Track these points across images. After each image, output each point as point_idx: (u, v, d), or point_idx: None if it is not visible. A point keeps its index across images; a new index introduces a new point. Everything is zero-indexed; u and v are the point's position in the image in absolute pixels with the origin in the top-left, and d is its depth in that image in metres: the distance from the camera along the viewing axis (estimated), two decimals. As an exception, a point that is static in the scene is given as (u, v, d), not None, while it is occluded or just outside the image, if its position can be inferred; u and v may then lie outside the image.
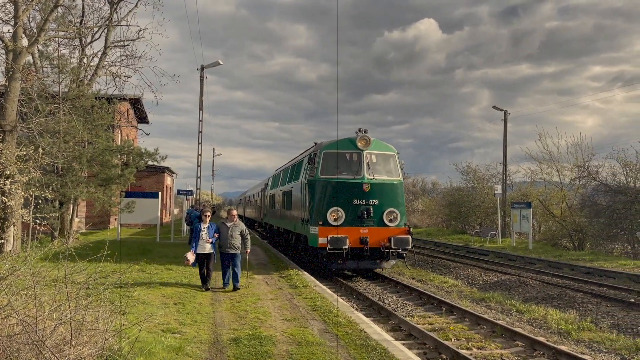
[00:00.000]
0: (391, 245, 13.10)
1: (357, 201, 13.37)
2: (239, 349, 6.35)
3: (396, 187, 13.98)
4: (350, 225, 13.26)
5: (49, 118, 15.48)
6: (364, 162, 13.68)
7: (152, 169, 31.85)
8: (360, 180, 13.49)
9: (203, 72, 26.68)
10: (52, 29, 17.60)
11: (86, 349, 4.75)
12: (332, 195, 13.43)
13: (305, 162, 15.02)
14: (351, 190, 13.39)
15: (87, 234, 24.90)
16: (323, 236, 12.86)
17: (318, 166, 13.72)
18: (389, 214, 13.61)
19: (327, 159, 13.86)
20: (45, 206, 16.53)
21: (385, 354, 6.28)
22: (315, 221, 13.40)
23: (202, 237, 10.54)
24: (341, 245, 12.76)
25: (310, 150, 15.12)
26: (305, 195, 14.35)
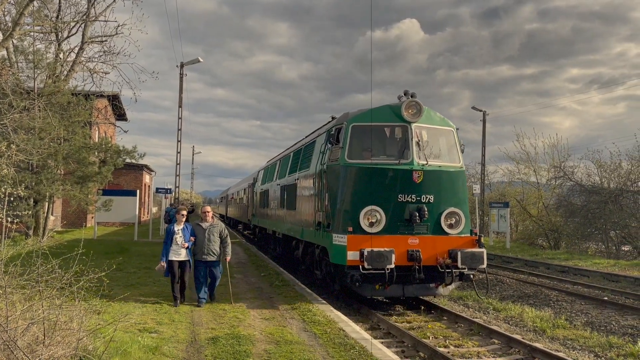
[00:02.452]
0: (457, 263, 8.91)
1: (403, 197, 9.16)
2: (217, 349, 6.30)
3: (458, 177, 9.76)
4: (392, 233, 9.06)
5: (23, 114, 15.14)
6: (412, 140, 9.38)
7: (130, 167, 31.44)
8: (409, 167, 9.21)
9: (183, 69, 26.43)
10: (28, 23, 17.24)
11: (60, 349, 4.66)
12: (366, 189, 9.22)
13: (321, 143, 10.76)
14: (395, 180, 9.19)
15: (62, 232, 24.47)
16: (354, 249, 8.69)
17: (344, 146, 9.42)
18: (449, 216, 9.42)
19: (358, 135, 9.59)
20: (19, 204, 16.19)
21: (363, 352, 6.29)
22: (340, 226, 9.16)
23: (176, 241, 8.72)
24: (384, 264, 8.51)
25: (329, 125, 10.70)
26: (322, 189, 10.09)
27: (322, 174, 10.18)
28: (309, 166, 11.51)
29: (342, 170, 9.41)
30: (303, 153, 12.67)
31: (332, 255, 9.24)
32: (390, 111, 9.64)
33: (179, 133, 26.09)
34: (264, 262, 15.73)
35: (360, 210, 9.07)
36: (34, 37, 18.47)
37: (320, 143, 10.92)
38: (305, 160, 12.16)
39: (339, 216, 9.30)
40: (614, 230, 24.55)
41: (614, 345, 8.10)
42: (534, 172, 30.82)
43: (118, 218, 23.02)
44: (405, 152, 9.41)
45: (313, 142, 11.80)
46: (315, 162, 10.93)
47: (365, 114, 9.65)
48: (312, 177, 10.96)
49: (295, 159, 13.50)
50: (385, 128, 9.72)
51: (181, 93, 26.15)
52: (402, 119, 9.49)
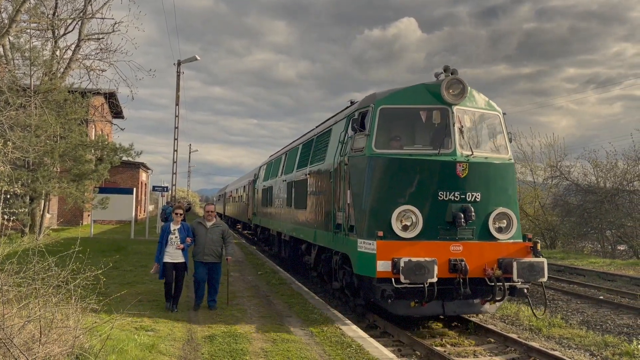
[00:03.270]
0: (512, 275, 7.40)
1: (444, 195, 7.65)
2: (214, 346, 6.30)
3: (507, 171, 8.30)
4: (431, 238, 7.58)
5: (19, 111, 15.09)
6: (454, 125, 7.87)
7: (126, 165, 31.37)
8: (451, 158, 7.73)
9: (180, 67, 26.40)
10: (24, 20, 17.19)
11: (56, 347, 4.65)
12: (399, 185, 7.76)
13: (339, 131, 9.20)
14: (434, 175, 7.70)
15: (58, 230, 24.40)
16: (385, 258, 7.22)
17: (372, 133, 7.90)
18: (499, 217, 7.97)
19: (387, 120, 8.10)
20: (15, 201, 16.14)
21: (360, 350, 6.30)
22: (367, 230, 7.64)
23: (171, 242, 8.15)
24: (424, 277, 7.02)
25: (351, 109, 9.14)
26: (342, 185, 8.58)
27: (341, 167, 8.60)
28: (323, 159, 9.97)
29: (368, 162, 7.84)
30: (315, 144, 11.11)
31: (356, 265, 7.71)
32: (426, 91, 8.07)
33: (176, 131, 26.07)
34: (260, 260, 15.73)
35: (393, 210, 7.54)
36: (31, 34, 18.40)
37: (338, 131, 9.32)
38: (319, 152, 10.60)
39: (366, 218, 7.73)
40: (609, 230, 24.64)
41: (609, 344, 8.13)
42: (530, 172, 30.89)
43: (114, 216, 22.98)
44: (446, 141, 7.88)
45: (328, 130, 10.22)
46: (332, 154, 9.40)
47: (397, 95, 8.16)
48: (328, 171, 9.37)
49: (306, 152, 11.94)
50: (421, 111, 8.15)
51: (178, 91, 26.13)
52: (441, 100, 7.92)
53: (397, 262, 7.08)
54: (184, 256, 8.22)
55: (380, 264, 7.25)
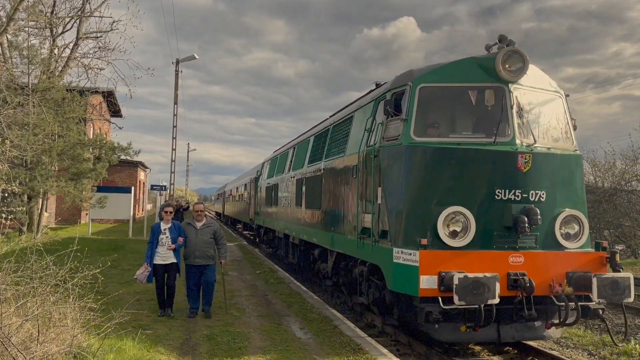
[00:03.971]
0: (592, 294, 6.09)
1: (502, 193, 6.28)
2: (212, 346, 6.30)
3: (575, 164, 6.95)
4: (485, 247, 6.26)
5: (17, 110, 15.06)
6: (512, 108, 6.53)
7: (125, 164, 31.30)
8: (511, 148, 6.37)
9: (178, 66, 26.36)
10: (22, 19, 17.12)
11: (54, 346, 4.64)
12: (445, 181, 6.43)
13: (365, 118, 7.88)
14: (490, 168, 6.36)
15: (56, 229, 24.36)
16: (430, 272, 5.94)
17: (410, 117, 6.55)
18: (566, 221, 6.63)
19: (429, 101, 6.77)
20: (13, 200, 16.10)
21: (358, 349, 6.30)
22: (405, 236, 6.34)
23: (162, 242, 7.73)
24: (484, 297, 5.73)
25: (380, 90, 7.68)
26: (370, 181, 7.18)
27: (368, 160, 7.22)
28: (343, 150, 8.61)
29: (406, 153, 6.47)
30: (332, 135, 9.71)
31: (391, 280, 6.38)
32: (476, 67, 6.68)
33: (174, 130, 26.03)
34: (259, 259, 15.73)
35: (439, 213, 6.17)
36: (29, 32, 18.37)
37: (362, 118, 7.97)
38: (337, 143, 9.26)
39: (404, 221, 6.36)
40: (607, 230, 24.68)
41: (607, 343, 8.14)
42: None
43: (113, 215, 22.94)
44: (502, 127, 6.48)
45: (349, 118, 8.85)
46: (355, 145, 8.01)
47: (440, 71, 6.78)
48: (351, 164, 8.03)
49: (319, 144, 10.57)
50: (470, 91, 6.76)
51: (177, 90, 26.09)
52: (495, 77, 6.54)
53: (447, 278, 5.79)
54: (175, 257, 7.79)
55: (424, 279, 5.91)
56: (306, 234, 10.98)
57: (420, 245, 6.01)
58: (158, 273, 7.74)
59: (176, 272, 7.89)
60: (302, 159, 11.87)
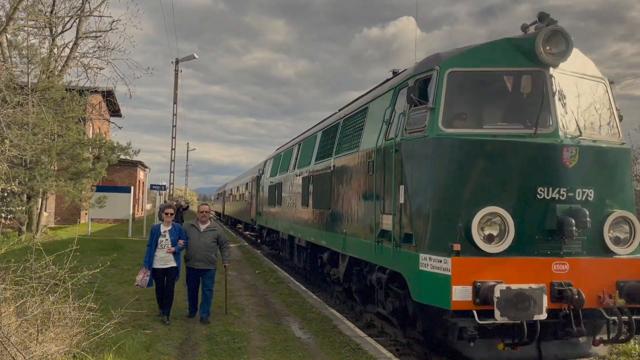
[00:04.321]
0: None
1: (545, 192, 5.62)
2: (212, 345, 6.29)
3: (623, 159, 6.29)
4: (525, 253, 5.59)
5: (17, 109, 15.05)
6: (554, 96, 5.85)
7: (124, 163, 31.28)
8: (554, 140, 5.70)
9: (178, 65, 26.36)
10: (22, 18, 17.12)
11: (53, 346, 4.64)
12: (480, 177, 5.74)
13: (384, 108, 7.11)
14: (532, 164, 5.68)
15: (56, 228, 24.36)
16: (464, 282, 5.32)
17: (437, 105, 5.84)
18: (616, 224, 5.93)
19: (459, 87, 6.06)
20: (13, 200, 16.10)
21: (357, 349, 6.30)
22: (434, 240, 5.66)
23: (161, 245, 7.36)
24: (530, 313, 5.18)
25: (402, 77, 6.88)
26: (389, 178, 6.48)
27: (388, 155, 6.49)
28: (357, 145, 7.90)
29: (434, 146, 5.76)
30: (343, 129, 9.04)
31: (417, 290, 5.72)
32: (511, 49, 5.95)
33: (173, 129, 26.04)
34: (258, 259, 15.73)
35: (473, 214, 5.47)
36: (28, 32, 18.38)
37: (380, 108, 7.22)
38: (349, 138, 8.55)
39: (431, 224, 5.65)
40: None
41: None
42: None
43: (112, 215, 22.95)
44: (543, 117, 5.78)
45: (363, 109, 8.13)
46: (371, 138, 7.29)
47: (471, 54, 6.05)
48: (366, 160, 7.30)
49: (328, 139, 9.88)
50: (505, 76, 6.11)
51: (176, 89, 26.09)
52: (535, 60, 5.81)
53: (484, 289, 5.18)
54: (175, 260, 7.45)
55: (457, 290, 5.25)
56: (314, 236, 10.27)
57: (452, 251, 5.33)
58: (157, 277, 7.41)
59: (176, 277, 7.54)
60: (309, 155, 11.20)
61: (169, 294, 7.51)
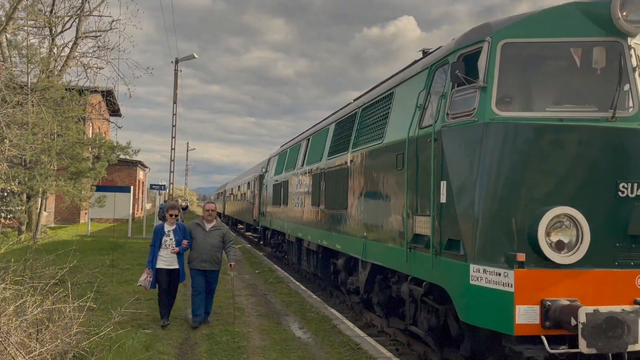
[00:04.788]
0: None
1: (629, 189, 4.63)
2: (212, 345, 6.30)
3: None
4: (603, 265, 4.57)
5: (16, 109, 15.04)
6: (633, 71, 4.85)
7: (124, 163, 31.30)
8: (638, 125, 4.74)
9: (177, 65, 26.36)
10: (21, 18, 17.13)
11: (53, 346, 4.64)
12: (546, 171, 4.74)
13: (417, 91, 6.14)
14: (611, 154, 4.72)
15: (56, 228, 24.36)
16: (530, 300, 4.40)
17: (490, 83, 4.90)
18: None
19: (516, 62, 5.16)
20: (12, 199, 16.10)
21: (357, 348, 6.30)
22: (486, 248, 4.70)
23: (165, 245, 7.14)
24: (624, 343, 4.18)
25: (442, 52, 5.89)
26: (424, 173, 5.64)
27: (424, 145, 5.58)
28: (380, 137, 6.93)
29: (486, 133, 4.81)
30: (361, 119, 8.11)
31: (466, 309, 4.79)
32: (580, 15, 4.97)
33: (173, 129, 26.04)
34: (258, 259, 15.73)
35: (540, 215, 4.53)
36: (28, 31, 18.37)
37: (412, 91, 6.23)
38: (370, 129, 7.60)
39: (486, 227, 4.69)
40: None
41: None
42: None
43: (112, 214, 22.93)
44: (622, 97, 4.89)
45: (387, 95, 7.19)
46: (399, 128, 6.35)
47: (529, 23, 5.07)
48: (394, 153, 6.34)
49: (343, 132, 9.00)
50: (573, 48, 5.07)
51: (176, 89, 26.09)
52: (610, 29, 4.87)
53: (557, 310, 4.30)
54: (179, 262, 7.20)
55: (521, 310, 4.34)
56: (326, 239, 9.37)
57: (514, 262, 4.39)
58: (161, 278, 7.11)
59: (179, 279, 7.27)
60: (320, 150, 10.28)
61: (171, 297, 7.29)
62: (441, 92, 5.47)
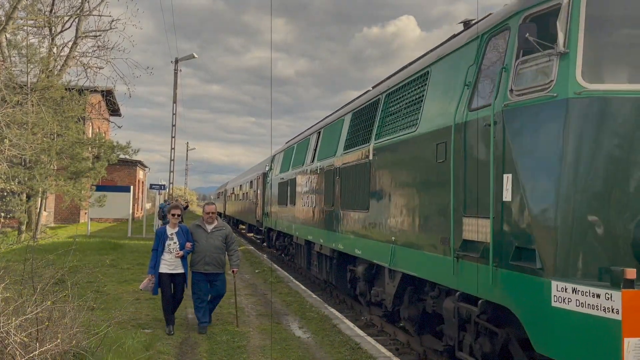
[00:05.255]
0: None
1: None
2: (212, 344, 6.30)
3: None
4: None
5: (16, 109, 15.05)
6: None
7: (124, 163, 31.31)
8: None
9: (177, 64, 26.36)
10: (21, 18, 17.14)
11: (53, 345, 4.63)
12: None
13: (459, 65, 5.23)
14: None
15: (55, 228, 24.36)
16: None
17: (572, 50, 3.79)
18: None
19: (606, 21, 3.91)
20: (12, 199, 16.10)
21: (357, 348, 6.30)
22: (577, 261, 3.61)
23: (169, 248, 6.76)
24: None
25: (494, 18, 4.78)
26: (478, 165, 4.55)
27: (476, 130, 4.61)
28: (414, 123, 5.91)
29: (571, 110, 3.81)
30: (386, 105, 7.12)
31: (547, 339, 3.72)
32: None
33: (173, 129, 26.04)
34: (258, 258, 15.74)
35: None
36: (27, 31, 18.37)
37: (456, 68, 5.24)
38: (398, 115, 6.59)
39: (574, 232, 3.73)
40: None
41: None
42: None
43: (112, 214, 22.97)
44: None
45: (421, 76, 6.10)
46: (439, 112, 5.40)
47: None
48: (433, 141, 5.37)
49: (363, 121, 8.03)
50: None
51: (176, 89, 26.10)
52: None
53: None
54: (183, 266, 6.85)
55: (631, 345, 3.24)
56: (342, 242, 8.47)
57: (622, 280, 3.24)
58: (164, 283, 6.72)
59: (184, 284, 6.92)
60: (334, 144, 9.36)
61: (176, 303, 6.92)
62: (499, 65, 4.46)
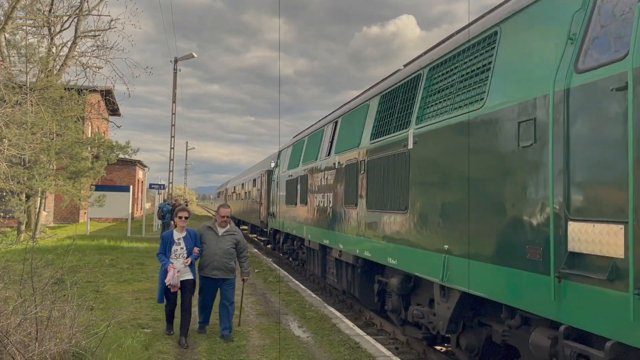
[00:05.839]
0: None
1: None
2: (212, 344, 6.30)
3: None
4: None
5: (15, 109, 15.03)
6: None
7: (123, 162, 31.29)
8: None
9: (177, 64, 26.33)
10: (20, 17, 17.13)
11: (52, 345, 4.63)
12: None
13: (560, 13, 3.85)
14: None
15: (55, 227, 24.35)
16: None
17: None
18: None
19: None
20: (11, 199, 16.10)
21: (356, 347, 6.31)
22: None
23: (176, 254, 6.32)
24: None
25: None
26: (607, 148, 3.25)
27: (588, 100, 3.49)
28: (480, 98, 4.81)
29: None
30: (430, 82, 5.97)
31: None
32: None
33: (172, 128, 26.02)
34: (257, 258, 15.74)
35: None
36: (27, 31, 18.37)
37: (551, 18, 4.04)
38: (449, 92, 5.43)
39: None
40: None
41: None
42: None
43: (111, 214, 22.95)
44: None
45: (486, 37, 4.92)
46: (519, 80, 4.28)
47: None
48: (511, 120, 4.27)
49: (398, 103, 6.76)
50: None
51: (175, 88, 26.07)
52: None
53: None
54: (191, 272, 6.43)
55: None
56: (369, 249, 7.35)
57: None
58: (170, 291, 6.31)
59: (193, 290, 6.49)
60: (357, 134, 8.18)
61: (186, 313, 6.33)
62: (625, 7, 3.35)
